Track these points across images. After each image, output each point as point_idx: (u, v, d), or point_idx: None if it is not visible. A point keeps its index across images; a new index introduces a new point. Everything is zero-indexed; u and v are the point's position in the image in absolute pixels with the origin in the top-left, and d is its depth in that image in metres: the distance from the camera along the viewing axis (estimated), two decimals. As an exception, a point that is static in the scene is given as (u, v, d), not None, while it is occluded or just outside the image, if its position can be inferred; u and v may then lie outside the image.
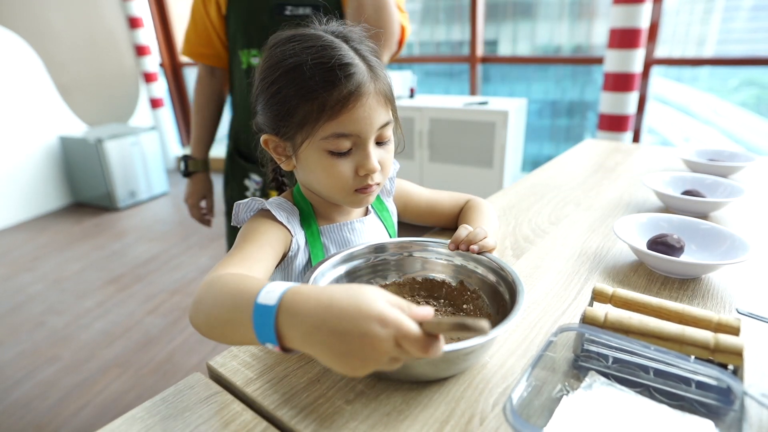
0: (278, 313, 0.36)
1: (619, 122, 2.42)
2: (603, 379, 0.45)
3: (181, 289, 2.29)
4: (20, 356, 1.85)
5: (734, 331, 0.46)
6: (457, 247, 0.60)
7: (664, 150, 1.38)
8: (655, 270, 0.68)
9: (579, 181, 1.12)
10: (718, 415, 0.41)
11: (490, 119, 2.50)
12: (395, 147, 0.63)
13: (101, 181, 3.35)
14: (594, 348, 0.48)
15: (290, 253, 0.60)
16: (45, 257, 2.72)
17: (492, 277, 0.56)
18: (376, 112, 0.55)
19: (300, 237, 0.62)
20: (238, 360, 0.51)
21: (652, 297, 0.51)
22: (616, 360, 0.46)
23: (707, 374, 0.42)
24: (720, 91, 3.08)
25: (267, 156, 0.65)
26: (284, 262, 0.61)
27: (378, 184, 0.61)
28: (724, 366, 0.44)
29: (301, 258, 0.62)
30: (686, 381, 0.44)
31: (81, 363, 1.79)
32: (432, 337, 0.34)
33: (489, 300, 0.57)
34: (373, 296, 0.34)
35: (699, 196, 0.88)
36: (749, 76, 2.92)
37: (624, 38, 2.25)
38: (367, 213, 0.70)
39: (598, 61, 2.63)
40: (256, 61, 1.03)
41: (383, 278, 0.62)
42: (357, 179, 0.58)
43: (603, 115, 2.45)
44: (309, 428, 0.42)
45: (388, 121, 0.58)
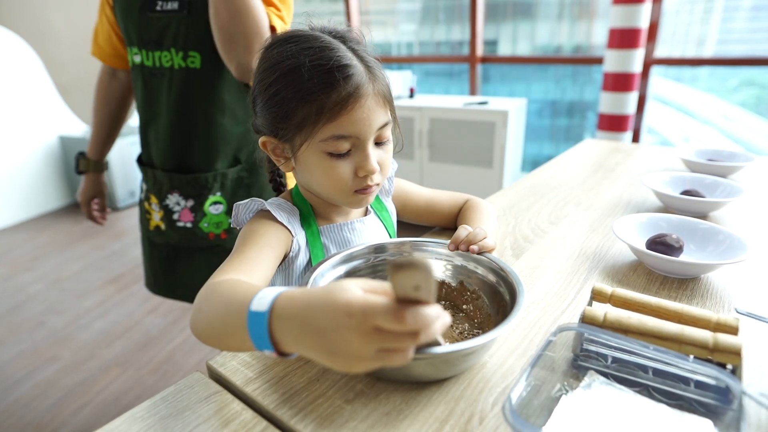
0: (270, 319, 0.36)
1: (619, 122, 2.42)
2: (602, 378, 0.45)
3: (181, 288, 2.29)
4: (20, 356, 1.85)
5: (733, 330, 0.46)
6: (456, 248, 0.60)
7: (663, 150, 1.38)
8: (654, 270, 0.68)
9: (579, 181, 1.12)
10: (716, 414, 0.41)
11: (490, 119, 2.50)
12: (394, 146, 0.63)
13: (101, 180, 3.34)
14: (593, 347, 0.48)
15: (291, 253, 0.60)
16: (45, 257, 2.72)
17: (492, 277, 0.57)
18: (374, 113, 0.56)
19: (301, 237, 0.62)
20: (238, 359, 0.51)
21: (651, 297, 0.51)
22: (615, 359, 0.46)
23: (706, 374, 0.42)
24: (720, 91, 3.08)
25: (263, 155, 0.65)
26: (285, 263, 0.61)
27: (377, 185, 0.61)
28: (722, 365, 0.44)
29: (302, 258, 0.62)
30: (685, 380, 0.44)
31: (81, 363, 1.79)
32: (405, 304, 0.30)
33: (489, 300, 0.57)
34: (343, 287, 0.33)
35: (698, 196, 0.88)
36: (749, 76, 2.92)
37: (624, 38, 2.25)
38: (366, 213, 0.70)
39: (598, 61, 2.63)
40: (138, 59, 0.95)
41: (383, 278, 0.62)
42: (356, 180, 0.58)
43: (603, 115, 2.46)
44: (308, 428, 0.42)
45: (387, 121, 0.58)
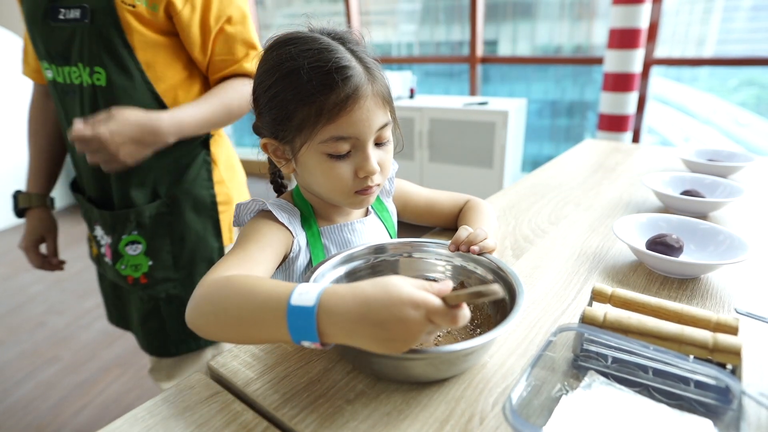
0: (319, 314, 0.39)
1: (619, 122, 2.42)
2: (602, 378, 0.45)
3: (182, 289, 2.29)
4: (21, 356, 1.86)
5: (733, 330, 0.46)
6: (457, 248, 0.60)
7: (663, 150, 1.38)
8: (654, 270, 0.68)
9: (579, 181, 1.12)
10: (716, 414, 0.41)
11: (490, 119, 2.50)
12: (394, 147, 0.63)
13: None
14: (593, 348, 0.48)
15: (291, 254, 0.61)
16: (45, 258, 2.72)
17: (491, 278, 0.57)
18: (374, 113, 0.56)
19: (301, 238, 0.62)
20: (239, 360, 0.52)
21: (651, 297, 0.51)
22: (616, 360, 0.47)
23: (706, 374, 0.42)
24: (720, 91, 3.09)
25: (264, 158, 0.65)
26: (285, 263, 0.61)
27: (378, 185, 0.61)
28: (722, 365, 0.44)
29: (302, 259, 0.62)
30: (685, 380, 0.44)
31: (81, 363, 1.79)
32: (455, 308, 0.38)
33: (489, 301, 0.57)
34: (399, 284, 0.38)
35: (698, 196, 0.88)
36: (749, 76, 2.93)
37: (624, 38, 2.25)
38: (367, 213, 0.70)
39: (598, 61, 2.63)
40: (50, 74, 0.87)
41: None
42: (357, 181, 0.58)
43: (603, 115, 2.46)
44: (309, 428, 0.42)
45: (387, 122, 0.58)
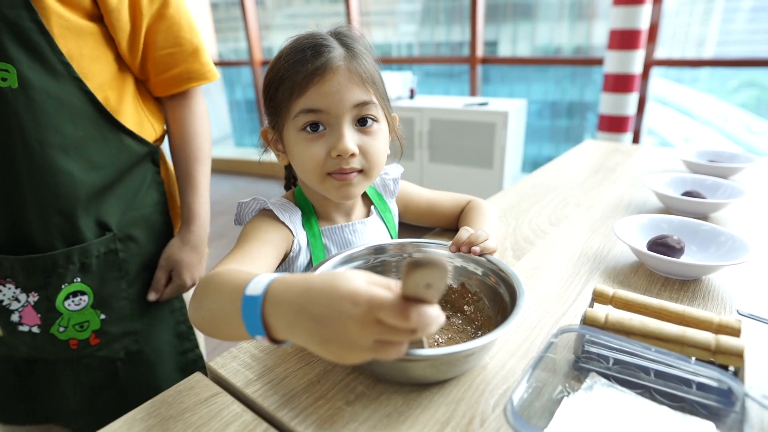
0: (264, 304, 0.36)
1: (619, 123, 2.42)
2: (604, 380, 0.45)
3: (181, 289, 2.28)
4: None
5: (735, 332, 0.46)
6: (458, 249, 0.60)
7: (664, 151, 1.38)
8: (656, 271, 0.68)
9: (579, 182, 1.12)
10: (719, 416, 0.41)
11: (491, 120, 2.50)
12: (394, 153, 0.63)
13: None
14: (594, 349, 0.47)
15: (291, 253, 0.60)
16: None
17: (492, 279, 0.56)
18: (346, 88, 0.55)
19: (302, 237, 0.62)
20: (239, 361, 0.51)
21: (652, 298, 0.51)
22: (617, 361, 0.46)
23: (708, 375, 0.42)
24: (720, 92, 3.09)
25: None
26: (285, 263, 0.61)
27: (359, 172, 0.59)
28: (724, 367, 0.44)
29: (303, 259, 0.62)
30: (687, 382, 0.44)
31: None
32: (410, 302, 0.30)
33: (490, 302, 0.56)
34: (347, 276, 0.33)
35: (699, 197, 0.88)
36: (749, 77, 2.93)
37: (624, 39, 2.25)
38: (369, 214, 0.70)
39: (598, 62, 2.63)
40: None
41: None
42: (330, 161, 0.57)
43: (603, 115, 2.46)
44: (309, 429, 0.42)
45: (366, 101, 0.57)
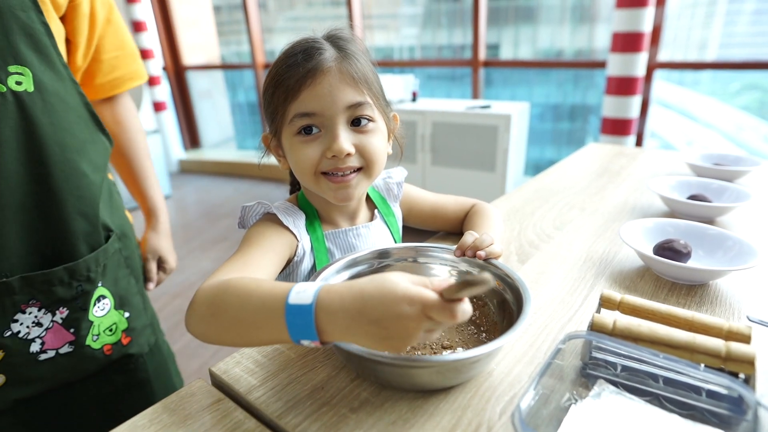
0: (317, 312, 0.38)
1: (622, 126, 2.41)
2: (612, 387, 0.44)
3: (183, 292, 2.28)
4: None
5: (745, 339, 0.45)
6: (463, 254, 0.59)
7: (668, 154, 1.38)
8: (662, 276, 0.67)
9: (583, 186, 1.11)
10: (729, 425, 0.40)
11: (493, 123, 2.49)
12: (395, 155, 0.63)
13: (103, 184, 3.35)
14: (602, 356, 0.47)
15: (296, 258, 0.60)
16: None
17: (498, 284, 0.56)
18: (338, 89, 0.55)
19: (306, 242, 0.61)
20: (241, 367, 0.51)
21: (660, 304, 0.50)
22: (625, 368, 0.46)
23: (718, 383, 0.41)
24: (722, 95, 3.08)
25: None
26: (289, 267, 0.61)
27: (359, 170, 0.59)
28: (734, 375, 0.44)
29: (307, 263, 0.62)
30: (696, 390, 0.43)
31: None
32: (454, 302, 0.36)
33: (495, 307, 0.56)
34: (395, 280, 0.37)
35: (705, 200, 0.87)
36: (751, 80, 2.92)
37: (627, 42, 2.25)
38: (372, 218, 0.70)
39: (601, 65, 2.63)
40: None
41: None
42: (326, 162, 0.57)
43: (606, 118, 2.45)
44: (313, 437, 0.41)
45: (361, 101, 0.56)
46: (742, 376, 0.43)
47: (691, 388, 0.43)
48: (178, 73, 4.43)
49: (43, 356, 0.63)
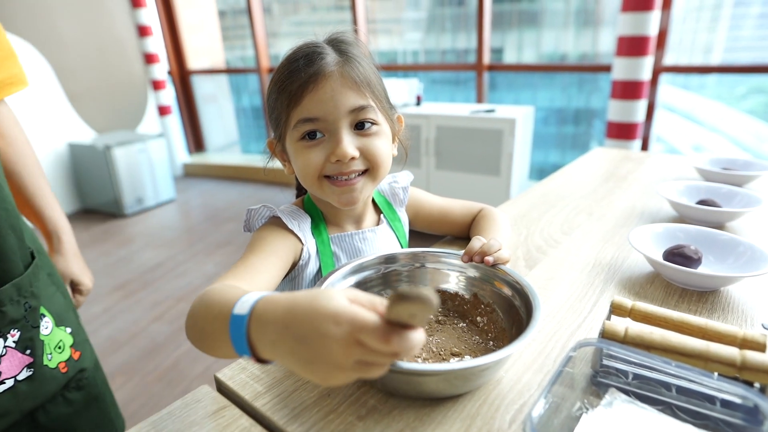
0: (249, 323, 0.35)
1: (628, 130, 2.40)
2: (623, 396, 0.44)
3: (187, 295, 2.28)
4: (26, 363, 1.85)
5: (760, 347, 0.44)
6: (470, 259, 0.59)
7: (674, 158, 1.37)
8: (673, 282, 0.67)
9: (590, 190, 1.10)
10: (746, 435, 0.39)
11: (498, 127, 2.49)
12: (399, 158, 0.62)
13: (109, 187, 3.36)
14: (613, 363, 0.46)
15: (301, 261, 0.60)
16: (52, 263, 2.73)
17: (507, 291, 0.55)
18: (341, 94, 0.55)
19: (311, 245, 0.61)
20: (247, 373, 0.50)
21: (673, 311, 0.49)
22: (637, 376, 0.45)
23: (733, 392, 0.40)
24: (727, 99, 3.06)
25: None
26: (295, 271, 0.60)
27: (364, 173, 0.59)
28: (749, 384, 0.43)
29: (312, 267, 0.61)
30: (710, 399, 0.42)
31: (86, 370, 1.78)
32: (395, 326, 0.29)
33: (504, 314, 0.55)
34: (329, 295, 0.32)
35: (714, 205, 0.86)
36: (757, 84, 2.90)
37: (632, 46, 2.24)
38: (379, 223, 0.69)
39: (605, 68, 2.62)
40: None
41: (394, 290, 0.61)
42: (330, 166, 0.57)
43: (611, 122, 2.44)
44: (320, 446, 0.41)
45: (363, 105, 0.56)
46: (757, 385, 0.42)
47: (704, 397, 0.42)
48: (183, 77, 4.45)
49: (1, 387, 0.56)
